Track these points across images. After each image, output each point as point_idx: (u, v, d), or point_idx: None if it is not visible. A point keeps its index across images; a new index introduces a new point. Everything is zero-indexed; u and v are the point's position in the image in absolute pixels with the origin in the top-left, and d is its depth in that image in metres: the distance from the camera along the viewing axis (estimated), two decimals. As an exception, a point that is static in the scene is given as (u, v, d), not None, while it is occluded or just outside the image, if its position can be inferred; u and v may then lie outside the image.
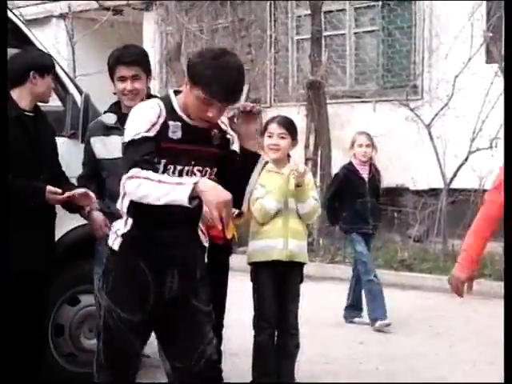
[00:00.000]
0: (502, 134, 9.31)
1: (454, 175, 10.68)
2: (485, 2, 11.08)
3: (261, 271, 5.25)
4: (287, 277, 5.27)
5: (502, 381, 3.26)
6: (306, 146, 11.34)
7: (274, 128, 5.22)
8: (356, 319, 7.64)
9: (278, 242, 5.18)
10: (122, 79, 4.67)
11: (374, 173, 7.63)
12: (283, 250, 5.18)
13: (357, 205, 7.45)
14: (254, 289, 5.31)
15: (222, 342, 5.18)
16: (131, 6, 14.96)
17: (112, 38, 13.27)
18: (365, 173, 7.55)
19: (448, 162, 10.77)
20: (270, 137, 5.22)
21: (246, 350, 5.47)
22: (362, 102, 12.57)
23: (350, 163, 7.61)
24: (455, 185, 10.82)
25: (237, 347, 5.97)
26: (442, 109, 10.96)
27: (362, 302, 7.58)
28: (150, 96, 4.66)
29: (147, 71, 4.77)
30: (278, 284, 5.26)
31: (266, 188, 5.19)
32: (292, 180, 5.17)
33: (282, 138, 5.21)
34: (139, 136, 3.39)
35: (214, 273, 5.19)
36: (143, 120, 3.43)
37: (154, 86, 12.43)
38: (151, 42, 14.86)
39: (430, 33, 11.76)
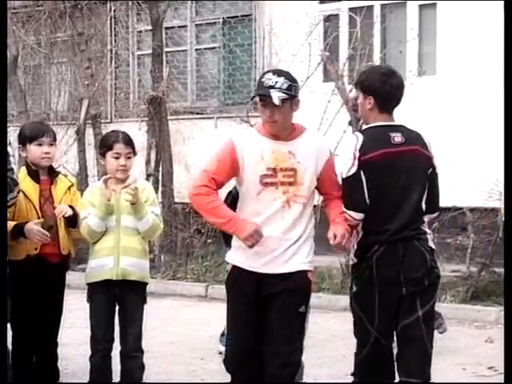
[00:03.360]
0: (338, 151, 9.52)
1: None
2: (322, 22, 11.36)
3: (94, 292, 5.12)
4: (124, 297, 5.10)
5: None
6: (148, 162, 11.26)
7: (121, 148, 5.08)
8: None
9: (109, 260, 5.03)
10: None
11: None
12: (114, 268, 5.02)
13: None
14: (89, 310, 5.16)
15: (57, 361, 5.05)
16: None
17: None
18: None
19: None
20: (117, 158, 5.07)
21: (84, 370, 5.32)
22: (204, 118, 12.62)
23: None
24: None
25: (75, 366, 5.83)
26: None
27: None
28: None
29: None
30: (115, 305, 5.13)
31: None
32: (125, 197, 5.02)
33: (129, 157, 5.11)
34: None
35: (49, 290, 5.12)
36: None
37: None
38: (-14, 55, 14.40)
39: (270, 50, 11.94)
